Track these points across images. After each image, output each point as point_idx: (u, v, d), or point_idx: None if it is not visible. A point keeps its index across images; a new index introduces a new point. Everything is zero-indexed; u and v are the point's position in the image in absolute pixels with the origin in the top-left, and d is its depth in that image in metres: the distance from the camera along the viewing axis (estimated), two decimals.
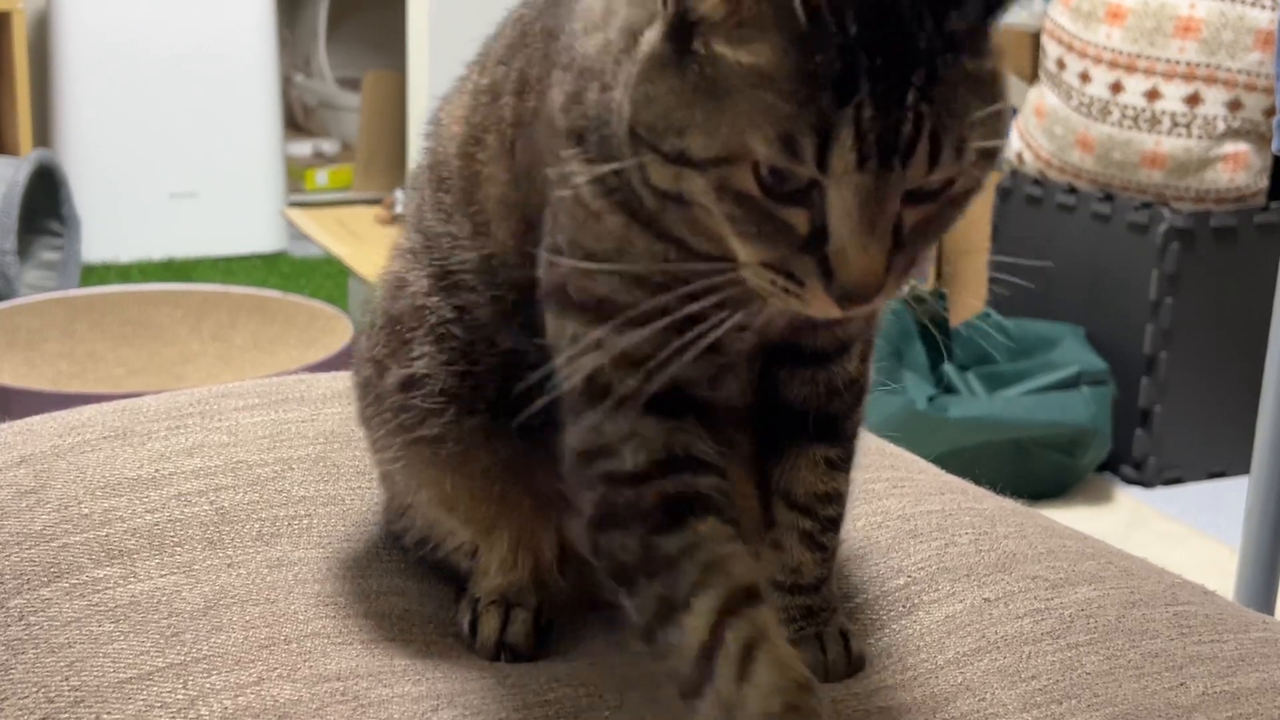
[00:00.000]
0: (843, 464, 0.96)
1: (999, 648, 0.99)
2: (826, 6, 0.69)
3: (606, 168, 0.77)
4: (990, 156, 0.74)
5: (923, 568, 1.09)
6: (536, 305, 0.88)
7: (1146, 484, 3.15)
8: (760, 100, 0.70)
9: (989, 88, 0.73)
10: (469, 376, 0.96)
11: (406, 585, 1.05)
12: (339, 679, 0.93)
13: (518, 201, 0.91)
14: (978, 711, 0.93)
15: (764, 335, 0.87)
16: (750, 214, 0.72)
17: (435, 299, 0.97)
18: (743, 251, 0.74)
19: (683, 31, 0.73)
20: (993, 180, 3.53)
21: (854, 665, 0.96)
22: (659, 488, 0.83)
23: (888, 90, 0.69)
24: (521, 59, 0.91)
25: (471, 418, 0.96)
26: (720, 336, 0.77)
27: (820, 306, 0.73)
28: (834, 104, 0.69)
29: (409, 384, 0.97)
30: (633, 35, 0.76)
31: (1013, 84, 3.46)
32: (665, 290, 0.79)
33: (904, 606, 1.05)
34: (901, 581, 1.07)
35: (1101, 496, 3.09)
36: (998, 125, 0.74)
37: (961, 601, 1.04)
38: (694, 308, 0.77)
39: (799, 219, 0.72)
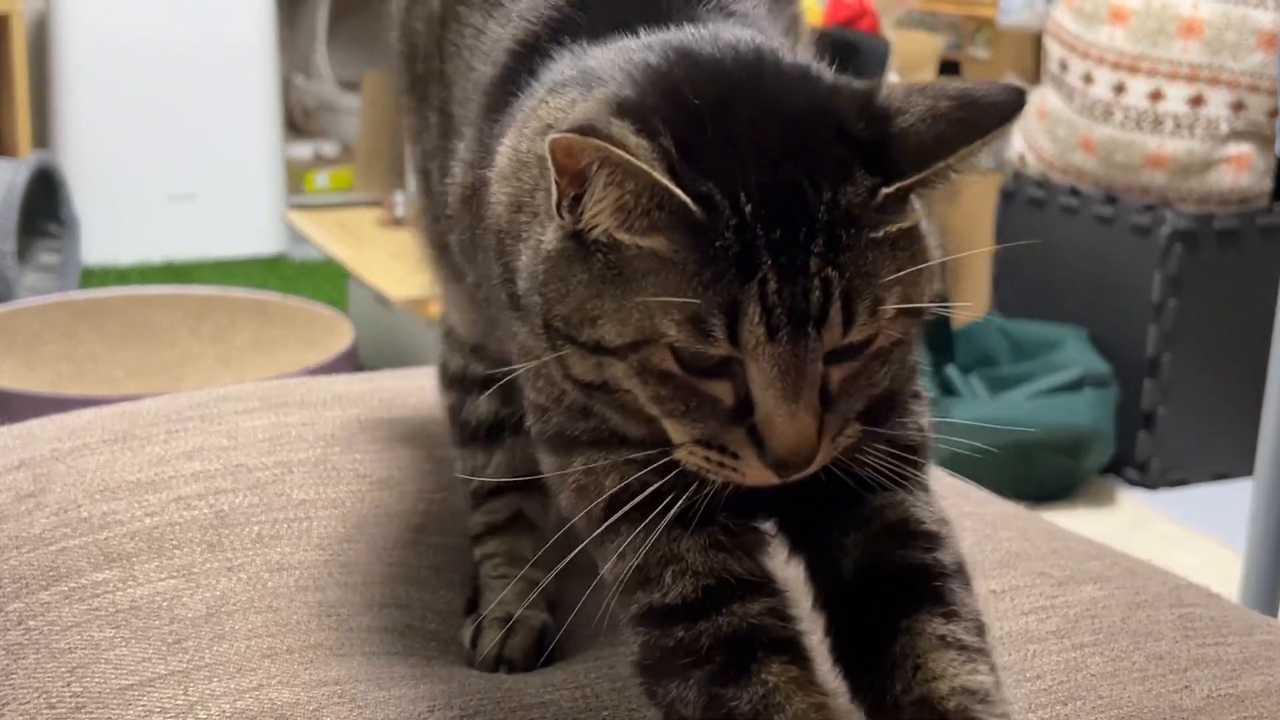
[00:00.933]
0: (978, 646, 0.78)
1: (1004, 644, 0.99)
2: (720, 193, 0.70)
3: (534, 363, 0.77)
4: (914, 314, 0.73)
5: None
6: None
7: (1150, 486, 3.14)
8: (666, 285, 0.70)
9: (904, 248, 0.72)
10: None
11: (409, 596, 1.05)
12: (337, 683, 0.92)
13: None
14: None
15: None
16: (675, 392, 0.72)
17: None
18: (674, 431, 0.73)
19: (581, 233, 0.73)
20: (996, 182, 3.53)
21: None
22: (713, 626, 0.77)
23: (790, 261, 0.69)
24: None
25: None
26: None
27: (756, 475, 0.72)
28: (738, 281, 0.69)
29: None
30: (518, 208, 0.77)
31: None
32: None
33: None
34: None
35: (1105, 499, 3.09)
36: (918, 281, 0.73)
37: None
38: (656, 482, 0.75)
39: (723, 391, 0.71)
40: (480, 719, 0.89)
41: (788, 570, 0.83)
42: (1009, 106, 0.72)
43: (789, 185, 0.70)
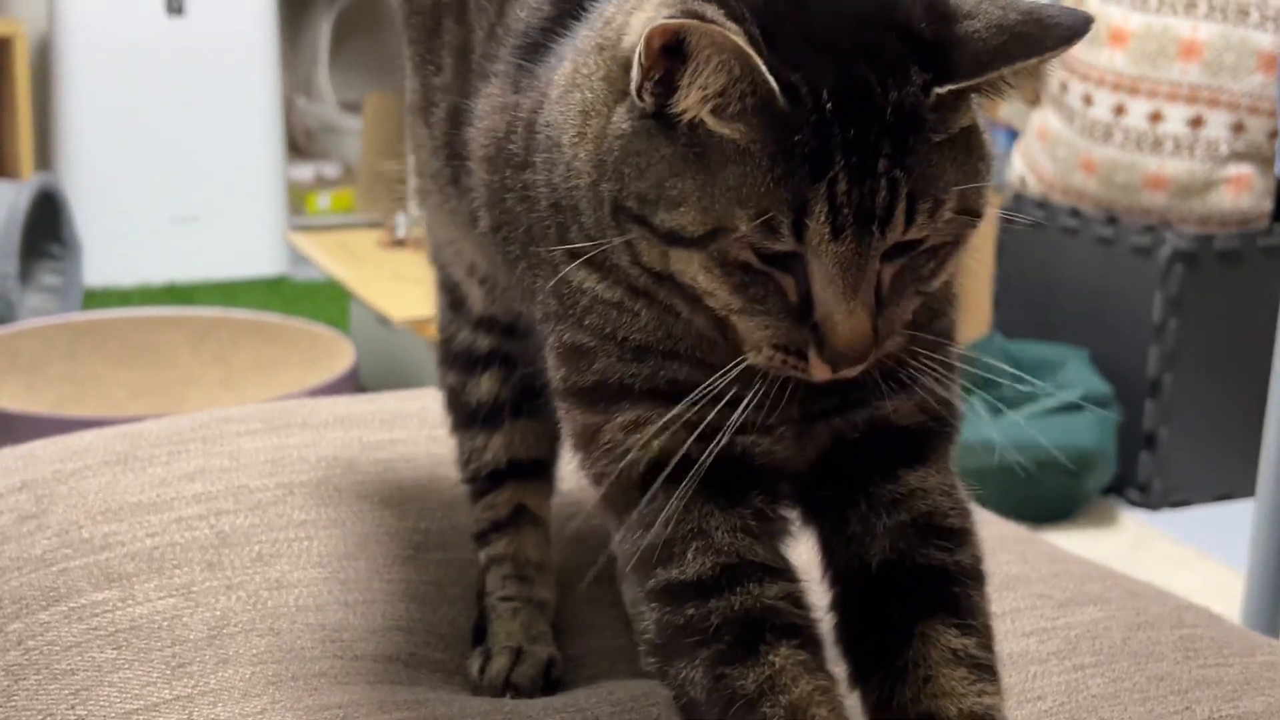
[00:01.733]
0: (987, 662, 0.80)
1: (1006, 666, 0.98)
2: (805, 88, 0.71)
3: (594, 249, 0.77)
4: (970, 212, 0.75)
5: None
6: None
7: (1152, 507, 3.14)
8: (742, 175, 0.71)
9: (964, 150, 0.74)
10: None
11: (411, 617, 1.05)
12: (340, 708, 0.92)
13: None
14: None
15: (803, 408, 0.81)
16: (750, 280, 0.73)
17: None
18: (744, 330, 0.74)
19: (663, 106, 0.73)
20: (996, 202, 3.53)
21: None
22: (725, 605, 0.77)
23: (860, 161, 0.70)
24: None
25: None
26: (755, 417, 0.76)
27: (820, 372, 0.74)
28: (809, 179, 0.70)
29: None
30: (585, 115, 0.77)
31: (1016, 111, 3.43)
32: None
33: None
34: None
35: (1107, 519, 3.09)
36: (975, 184, 0.74)
37: None
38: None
39: (788, 285, 0.73)
40: None
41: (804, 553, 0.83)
42: (1074, 29, 0.74)
43: (859, 84, 0.71)
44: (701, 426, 0.76)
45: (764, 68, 0.70)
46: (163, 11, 4.37)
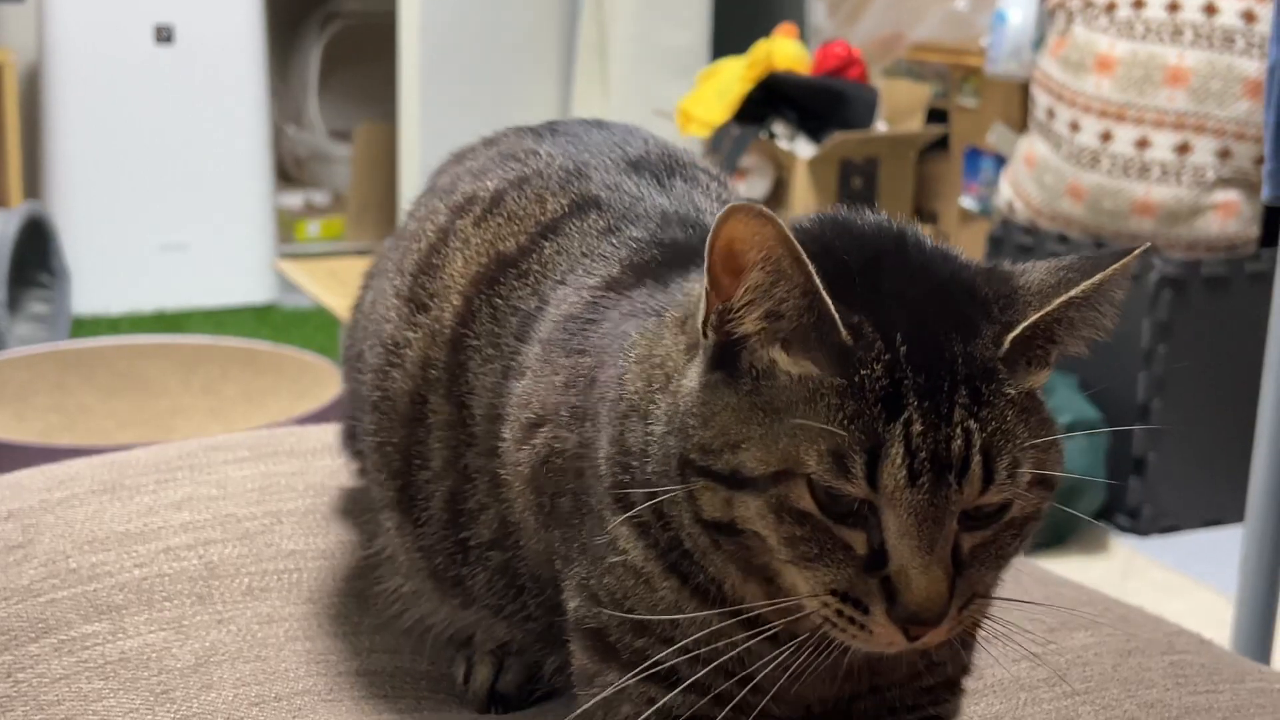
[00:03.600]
0: None
1: (995, 692, 0.99)
2: (870, 326, 0.70)
3: (651, 502, 0.75)
4: (1047, 485, 0.74)
5: None
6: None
7: (1141, 533, 3.14)
8: (811, 413, 0.70)
9: (1037, 415, 0.73)
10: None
11: (398, 642, 1.04)
12: None
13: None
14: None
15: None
16: (808, 533, 0.71)
17: None
18: (804, 583, 0.72)
19: (728, 353, 0.73)
20: (984, 228, 3.54)
21: None
22: None
23: (934, 407, 0.69)
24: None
25: None
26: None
27: (884, 634, 0.71)
28: (883, 419, 0.69)
29: None
30: (663, 370, 0.77)
31: (1003, 138, 3.43)
32: (714, 658, 0.76)
33: None
34: None
35: (1096, 546, 3.08)
36: (1051, 452, 0.74)
37: None
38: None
39: (857, 540, 0.71)
40: None
41: None
42: (1129, 250, 0.75)
43: (931, 336, 0.71)
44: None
45: (825, 293, 0.70)
46: (152, 40, 4.38)
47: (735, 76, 3.62)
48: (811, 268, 0.69)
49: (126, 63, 4.35)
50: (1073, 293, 0.73)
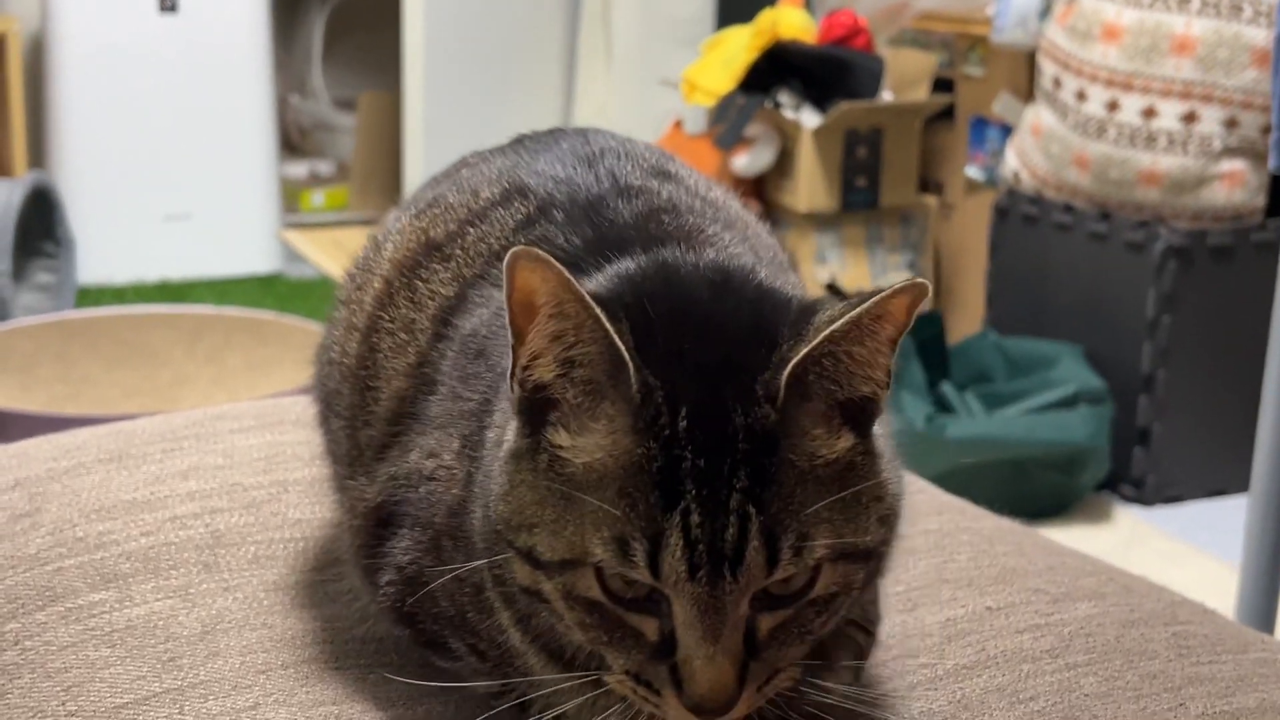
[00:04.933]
0: None
1: (998, 663, 0.99)
2: (660, 388, 0.68)
3: (476, 563, 0.76)
4: (854, 559, 0.70)
5: (922, 579, 1.09)
6: None
7: (1146, 502, 3.14)
8: (598, 501, 0.68)
9: (837, 482, 0.70)
10: None
11: None
12: (334, 704, 0.92)
13: None
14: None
15: None
16: (599, 620, 0.70)
17: None
18: (608, 655, 0.72)
19: (535, 415, 0.71)
20: (990, 198, 3.54)
21: None
22: None
23: (713, 494, 0.67)
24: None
25: None
26: None
27: (676, 716, 0.70)
28: (662, 508, 0.67)
29: None
30: (497, 443, 0.76)
31: (1010, 107, 3.43)
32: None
33: (905, 604, 1.04)
34: (900, 589, 1.06)
35: (1100, 515, 3.09)
36: (857, 518, 0.70)
37: (963, 607, 1.04)
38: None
39: (648, 626, 0.70)
40: None
41: None
42: (906, 290, 0.69)
43: (717, 405, 0.68)
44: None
45: (612, 330, 0.67)
46: (156, 9, 4.36)
47: (741, 46, 3.61)
48: (599, 312, 0.67)
49: (130, 32, 4.34)
50: (833, 328, 0.68)
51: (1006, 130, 3.56)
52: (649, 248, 0.79)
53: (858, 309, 0.68)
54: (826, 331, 0.68)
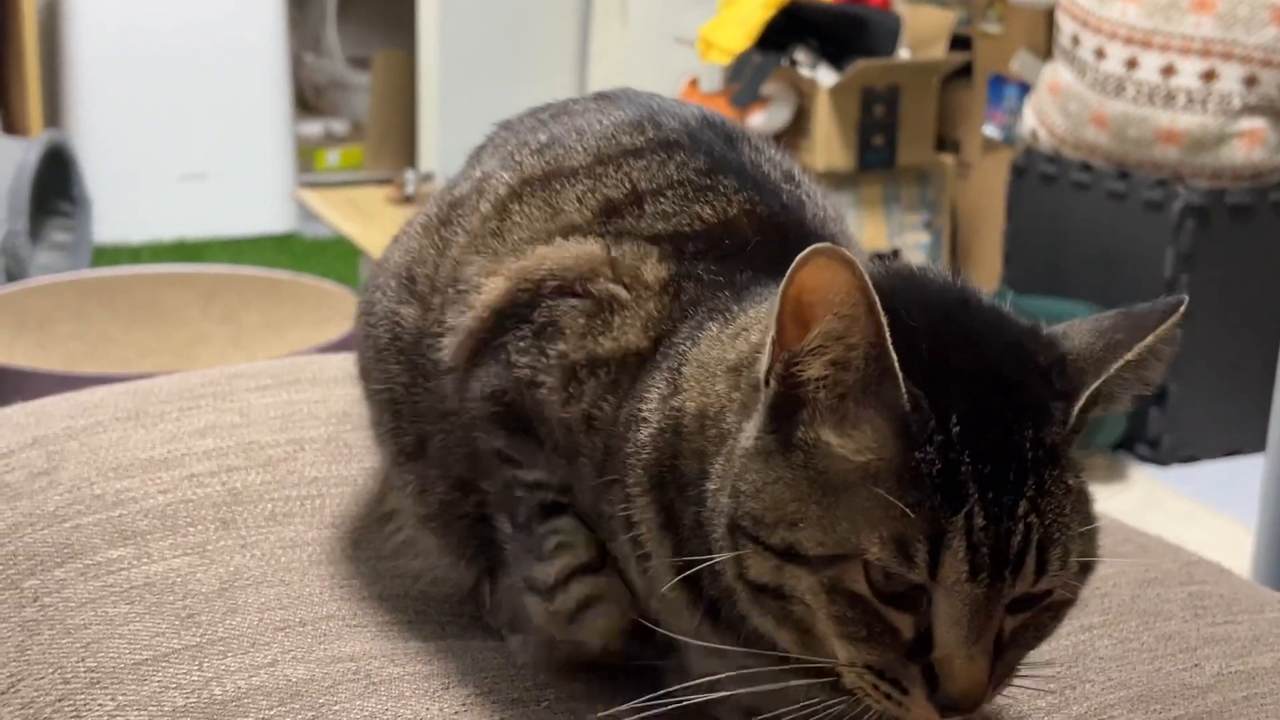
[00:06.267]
0: None
1: None
2: (929, 397, 0.69)
3: (701, 563, 0.75)
4: (1087, 570, 0.73)
5: None
6: None
7: (1162, 462, 3.14)
8: (872, 498, 0.69)
9: (1086, 501, 0.73)
10: None
11: (420, 567, 1.05)
12: (351, 659, 0.93)
13: None
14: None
15: None
16: (858, 615, 0.70)
17: None
18: (844, 652, 0.72)
19: (785, 411, 0.71)
20: (1008, 157, 3.52)
21: None
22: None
23: (998, 499, 0.68)
24: None
25: None
26: None
27: (920, 714, 0.71)
28: (945, 510, 0.68)
29: None
30: (718, 428, 0.75)
31: (1028, 65, 3.40)
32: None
33: None
34: None
35: (1116, 475, 3.09)
36: (1094, 538, 0.73)
37: None
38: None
39: (905, 623, 0.70)
40: (494, 697, 0.89)
41: None
42: (1171, 306, 0.74)
43: (998, 416, 0.70)
44: None
45: (892, 349, 0.68)
46: None
47: (757, 3, 3.59)
48: (884, 320, 0.68)
49: None
50: (1128, 356, 0.73)
51: (1024, 88, 3.53)
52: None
53: (1150, 338, 0.73)
54: (1121, 361, 0.72)
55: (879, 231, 3.64)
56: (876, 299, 0.68)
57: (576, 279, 0.82)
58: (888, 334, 0.68)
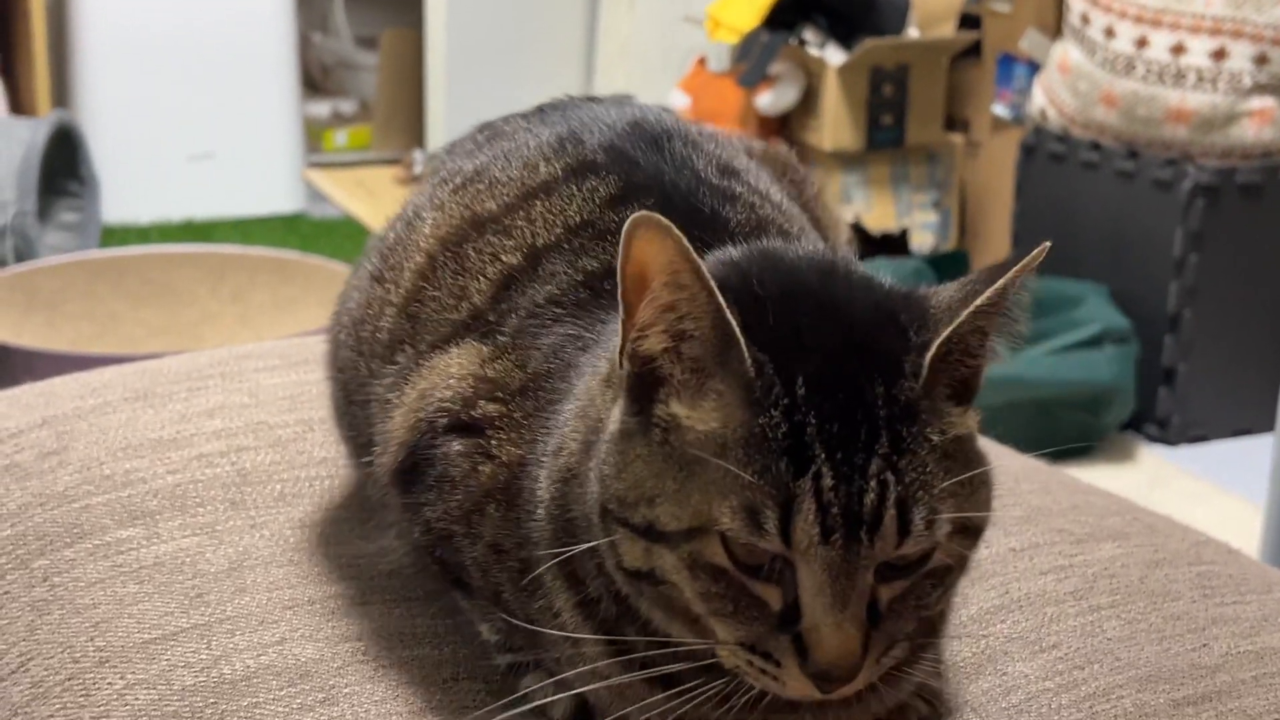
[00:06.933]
0: None
1: (1022, 607, 0.99)
2: (772, 362, 0.69)
3: (577, 548, 0.75)
4: (970, 532, 0.72)
5: None
6: None
7: (1170, 442, 3.13)
8: (721, 468, 0.68)
9: (961, 457, 0.71)
10: None
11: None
12: (361, 639, 0.93)
13: None
14: (998, 686, 0.92)
15: None
16: (724, 589, 0.70)
17: None
18: (719, 630, 0.71)
19: (643, 392, 0.72)
20: (1017, 136, 3.51)
21: None
22: None
23: (847, 458, 0.67)
24: None
25: None
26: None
27: (797, 687, 0.70)
28: (791, 474, 0.67)
29: None
30: (596, 432, 0.75)
31: (1037, 44, 3.39)
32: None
33: None
34: None
35: (1125, 455, 3.08)
36: (975, 497, 0.72)
37: (988, 548, 1.04)
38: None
39: (771, 595, 0.70)
40: (506, 694, 0.89)
41: None
42: (1029, 254, 0.72)
43: (847, 376, 0.69)
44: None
45: (727, 310, 0.68)
46: None
47: None
48: (713, 284, 0.68)
49: None
50: (979, 300, 0.71)
51: (1034, 67, 3.52)
52: (744, 239, 0.80)
53: (1002, 280, 0.71)
54: (972, 306, 0.71)
55: (887, 211, 3.63)
56: (700, 264, 0.68)
57: (461, 408, 0.84)
58: (720, 298, 0.68)
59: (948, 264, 3.42)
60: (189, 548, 1.01)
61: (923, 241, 3.64)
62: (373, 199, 3.63)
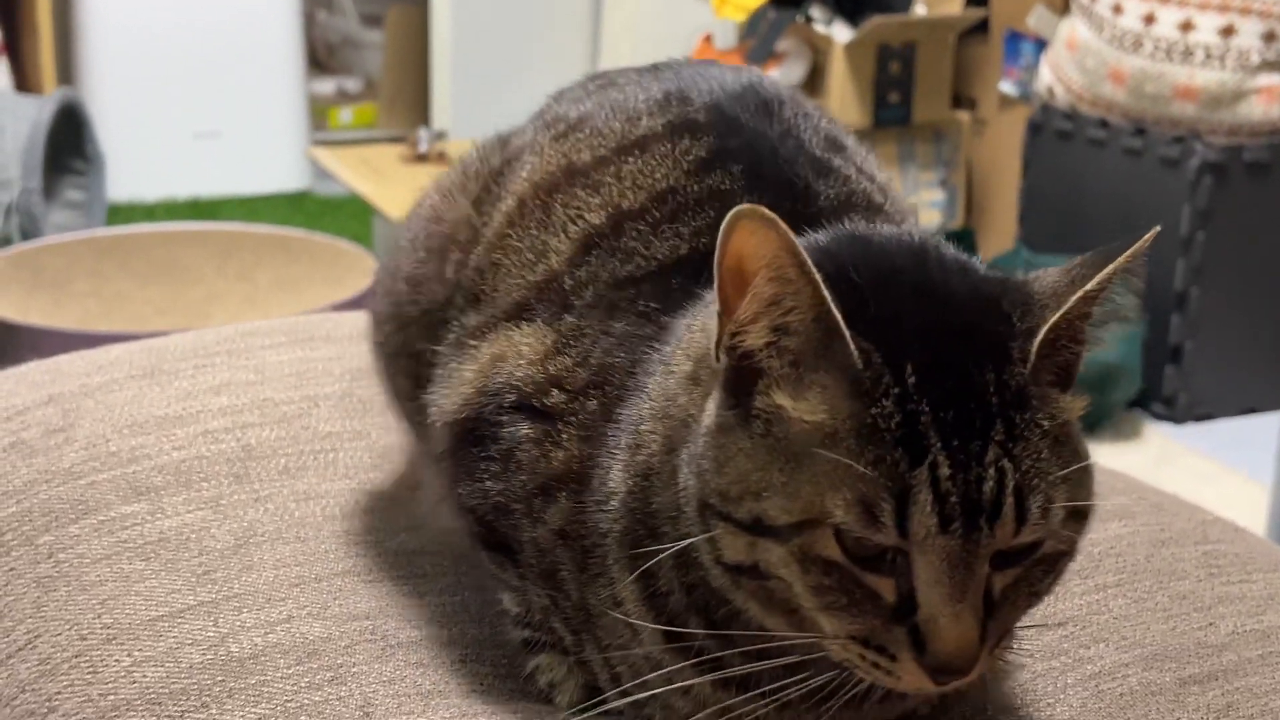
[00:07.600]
0: None
1: None
2: (878, 351, 0.67)
3: (678, 545, 0.73)
4: (1080, 517, 0.71)
5: None
6: None
7: (1177, 420, 3.13)
8: (832, 460, 0.67)
9: (1070, 445, 0.71)
10: None
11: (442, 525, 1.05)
12: (368, 618, 0.93)
13: None
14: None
15: None
16: (835, 582, 0.68)
17: None
18: (828, 624, 0.69)
19: (740, 385, 0.70)
20: (1024, 114, 3.49)
21: None
22: None
23: (963, 446, 0.66)
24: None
25: None
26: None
27: (912, 680, 0.69)
28: (907, 464, 0.66)
29: None
30: (685, 430, 0.74)
31: (1044, 20, 3.38)
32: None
33: None
34: None
35: (1131, 433, 3.08)
36: (1084, 483, 0.71)
37: None
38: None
39: (885, 587, 0.68)
40: (512, 684, 0.89)
41: None
42: (1137, 239, 0.72)
43: (957, 364, 0.68)
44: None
45: (833, 305, 0.67)
46: None
47: None
48: (818, 277, 0.67)
49: None
50: (1089, 286, 0.70)
51: (1041, 44, 3.51)
52: (836, 220, 0.78)
53: (1110, 267, 0.70)
54: (1081, 292, 0.70)
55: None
56: (805, 256, 0.67)
57: (533, 392, 0.83)
58: (825, 291, 0.67)
59: (954, 242, 3.41)
60: (194, 523, 1.02)
61: (929, 219, 3.64)
62: (378, 177, 3.63)
